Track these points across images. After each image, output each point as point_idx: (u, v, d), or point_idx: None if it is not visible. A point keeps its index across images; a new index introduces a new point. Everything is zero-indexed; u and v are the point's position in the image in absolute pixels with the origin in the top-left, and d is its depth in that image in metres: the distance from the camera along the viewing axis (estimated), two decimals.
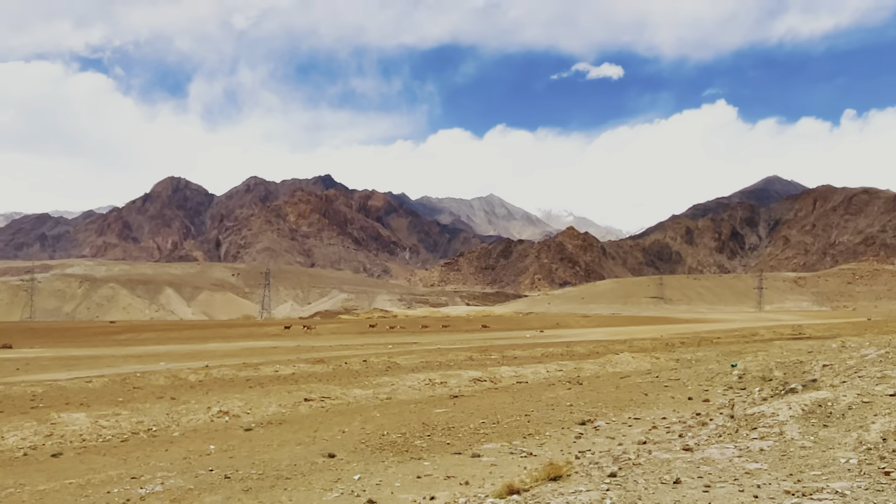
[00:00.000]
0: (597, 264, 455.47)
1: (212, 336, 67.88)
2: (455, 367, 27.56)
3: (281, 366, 28.68)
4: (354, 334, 74.90)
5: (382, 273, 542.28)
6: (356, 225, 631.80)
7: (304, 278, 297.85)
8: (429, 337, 66.73)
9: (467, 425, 13.31)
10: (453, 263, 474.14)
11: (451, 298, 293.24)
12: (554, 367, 24.65)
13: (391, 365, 29.11)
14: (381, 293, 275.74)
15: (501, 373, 23.56)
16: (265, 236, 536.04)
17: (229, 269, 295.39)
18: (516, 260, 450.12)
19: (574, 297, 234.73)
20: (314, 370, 27.35)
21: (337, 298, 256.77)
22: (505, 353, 35.60)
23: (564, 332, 70.23)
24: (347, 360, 31.24)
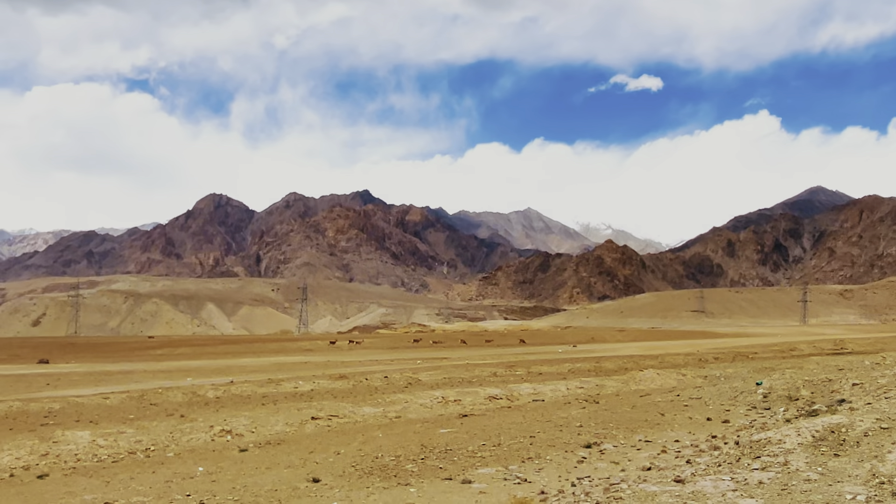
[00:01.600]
0: (636, 277, 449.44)
1: (246, 351, 68.38)
2: (476, 383, 27.04)
3: (303, 382, 28.49)
4: (396, 349, 74.85)
5: (420, 287, 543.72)
6: (394, 240, 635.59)
7: (342, 293, 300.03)
8: (462, 352, 66.19)
9: (466, 447, 12.78)
10: (491, 277, 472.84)
11: (489, 313, 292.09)
12: (575, 385, 23.94)
13: (412, 381, 28.69)
14: (418, 308, 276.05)
15: (521, 390, 22.96)
16: (304, 251, 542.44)
17: (269, 284, 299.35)
18: (554, 274, 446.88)
19: (613, 311, 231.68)
20: (333, 386, 27.08)
21: (375, 313, 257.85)
22: (531, 368, 34.88)
23: (598, 347, 68.99)
24: (369, 375, 30.93)
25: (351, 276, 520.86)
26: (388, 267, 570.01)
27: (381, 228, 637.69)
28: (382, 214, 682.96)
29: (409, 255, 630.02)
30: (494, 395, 21.46)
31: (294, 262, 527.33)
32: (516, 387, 23.57)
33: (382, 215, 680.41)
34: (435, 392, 22.20)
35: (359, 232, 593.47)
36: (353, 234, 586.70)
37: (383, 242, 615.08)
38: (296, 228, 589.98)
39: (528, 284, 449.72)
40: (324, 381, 28.85)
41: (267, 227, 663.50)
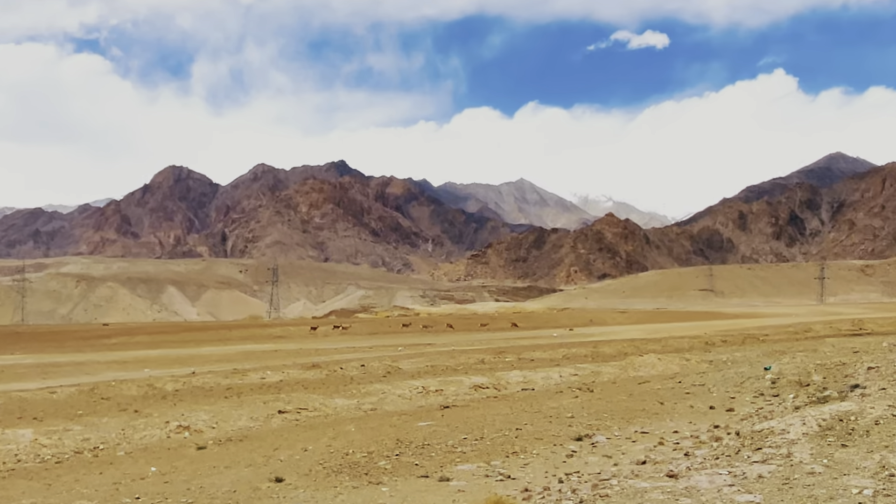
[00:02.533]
0: (639, 254, 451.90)
1: (210, 339, 68.24)
2: (461, 371, 27.14)
3: (271, 372, 28.50)
4: (376, 335, 74.98)
5: (403, 267, 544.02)
6: (374, 215, 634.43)
7: (317, 274, 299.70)
8: (449, 337, 66.43)
9: (446, 442, 12.83)
10: (480, 255, 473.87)
11: (479, 294, 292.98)
12: (569, 372, 24.09)
13: (392, 370, 28.76)
14: (401, 289, 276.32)
15: (509, 378, 23.08)
16: (275, 229, 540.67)
17: (236, 265, 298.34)
18: (550, 251, 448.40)
19: (614, 291, 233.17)
20: (304, 377, 27.10)
21: (353, 296, 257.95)
22: (522, 354, 35.09)
23: (596, 331, 69.42)
24: (345, 364, 30.98)
25: (326, 256, 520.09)
26: (367, 245, 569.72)
27: (360, 203, 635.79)
28: (360, 187, 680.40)
29: (390, 232, 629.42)
30: (480, 384, 21.55)
31: (263, 241, 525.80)
32: (505, 375, 23.67)
33: (360, 188, 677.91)
34: (415, 381, 22.26)
35: (335, 207, 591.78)
36: (328, 210, 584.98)
37: (362, 218, 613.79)
38: (265, 203, 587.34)
39: (521, 263, 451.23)
40: (294, 370, 28.85)
41: (233, 203, 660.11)
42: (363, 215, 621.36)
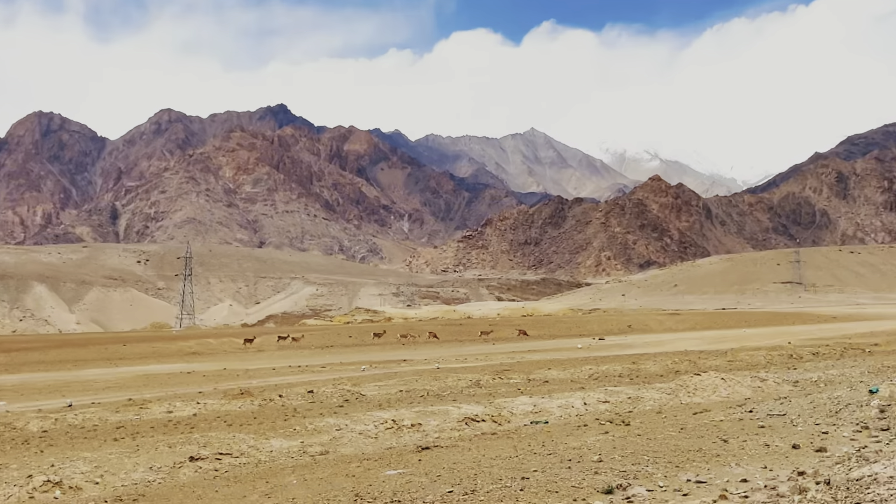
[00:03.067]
0: (697, 233, 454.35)
1: (95, 357, 68.13)
2: (448, 398, 27.23)
3: (182, 402, 28.49)
4: (331, 349, 75.03)
5: (369, 254, 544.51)
6: (327, 181, 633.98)
7: (248, 265, 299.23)
8: (431, 350, 66.56)
9: (423, 498, 12.82)
10: (476, 237, 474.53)
11: (474, 290, 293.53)
12: (597, 398, 24.24)
13: (351, 398, 28.85)
14: (366, 285, 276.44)
15: (514, 407, 23.20)
16: (187, 202, 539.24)
17: (133, 252, 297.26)
18: (573, 230, 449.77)
19: (662, 285, 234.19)
20: (228, 409, 27.11)
21: (299, 294, 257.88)
22: (533, 374, 35.26)
23: (636, 340, 69.77)
24: (286, 390, 31.01)
25: (261, 239, 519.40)
26: (318, 224, 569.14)
27: (307, 165, 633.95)
28: (308, 143, 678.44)
29: (350, 205, 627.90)
30: (473, 416, 21.65)
31: (171, 219, 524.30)
32: (508, 402, 23.78)
33: (308, 144, 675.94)
34: (383, 413, 22.32)
35: (272, 170, 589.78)
36: (262, 174, 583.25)
37: (310, 186, 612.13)
38: (173, 166, 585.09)
39: (532, 247, 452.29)
40: (214, 400, 28.84)
41: (127, 165, 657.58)
42: (312, 182, 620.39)
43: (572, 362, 42.48)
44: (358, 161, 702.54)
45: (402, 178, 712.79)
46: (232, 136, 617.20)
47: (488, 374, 35.35)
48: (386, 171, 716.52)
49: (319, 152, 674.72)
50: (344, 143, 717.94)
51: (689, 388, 25.36)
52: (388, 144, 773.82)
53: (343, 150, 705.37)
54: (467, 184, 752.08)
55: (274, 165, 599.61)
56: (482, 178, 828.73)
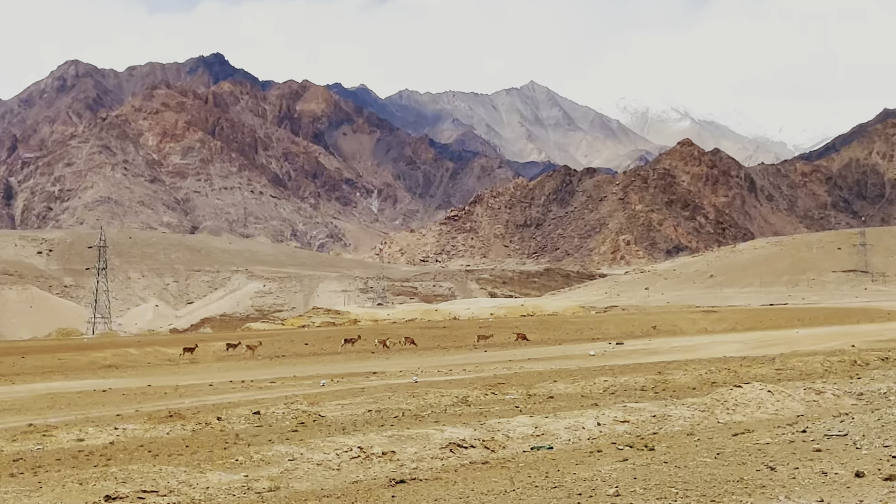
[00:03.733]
0: (738, 210, 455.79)
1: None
2: (428, 419, 27.22)
3: (95, 428, 28.38)
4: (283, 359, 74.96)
5: (329, 240, 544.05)
6: (275, 150, 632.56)
7: (177, 255, 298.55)
8: (408, 359, 66.57)
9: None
10: (463, 218, 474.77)
11: (461, 285, 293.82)
12: (613, 416, 24.28)
13: (307, 419, 28.78)
14: (326, 278, 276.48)
15: (510, 429, 23.22)
16: (100, 176, 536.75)
17: (32, 241, 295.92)
18: (583, 207, 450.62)
19: (695, 276, 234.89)
20: (154, 435, 27.03)
21: (243, 292, 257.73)
22: (535, 388, 35.26)
23: (663, 345, 69.94)
24: (227, 411, 30.96)
25: (194, 223, 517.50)
26: (264, 203, 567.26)
27: (250, 129, 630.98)
28: (251, 102, 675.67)
29: (305, 179, 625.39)
30: (460, 441, 21.67)
31: (81, 198, 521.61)
32: (503, 423, 23.79)
33: (251, 103, 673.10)
34: (348, 438, 22.29)
35: (206, 136, 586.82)
36: (194, 142, 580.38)
37: (254, 156, 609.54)
38: (82, 131, 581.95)
39: (533, 230, 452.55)
40: (137, 424, 28.78)
41: (24, 131, 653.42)
42: (257, 151, 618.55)
43: (583, 373, 42.51)
44: (314, 124, 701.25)
45: (370, 144, 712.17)
46: (155, 95, 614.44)
47: (479, 389, 35.27)
48: (349, 136, 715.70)
49: (265, 114, 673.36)
50: (296, 102, 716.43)
51: (727, 403, 25.42)
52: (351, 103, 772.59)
53: (295, 111, 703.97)
54: (451, 151, 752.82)
55: (208, 131, 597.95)
56: (470, 144, 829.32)
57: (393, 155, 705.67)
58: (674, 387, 34.18)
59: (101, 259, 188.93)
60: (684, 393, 31.03)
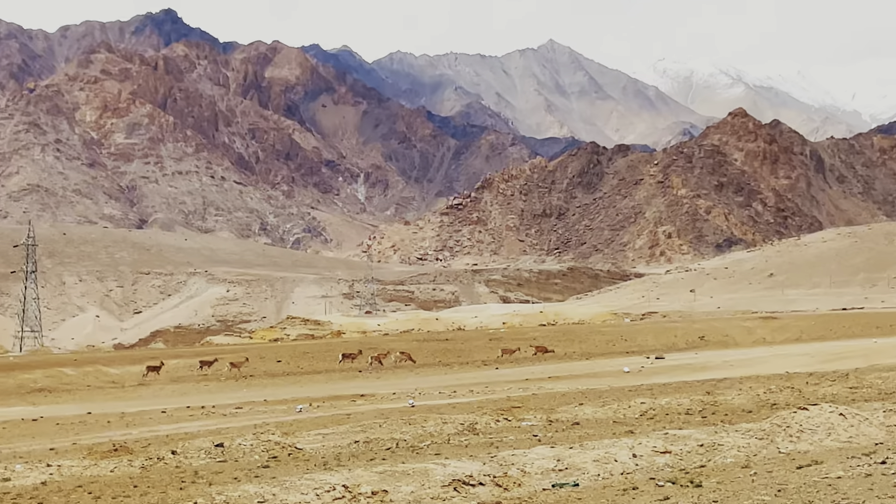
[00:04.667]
0: (803, 195, 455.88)
1: None
2: (427, 452, 27.24)
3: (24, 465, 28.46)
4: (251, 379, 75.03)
5: (306, 235, 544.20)
6: (239, 126, 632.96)
7: (122, 255, 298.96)
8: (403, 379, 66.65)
9: None
10: (469, 207, 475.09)
11: (467, 287, 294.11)
12: (652, 446, 24.26)
13: (281, 452, 28.81)
14: (303, 282, 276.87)
15: (527, 463, 23.21)
16: (27, 160, 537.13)
17: None
18: (614, 193, 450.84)
19: (751, 275, 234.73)
20: (96, 473, 27.07)
21: (202, 298, 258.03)
22: (556, 412, 35.31)
23: (712, 359, 70.00)
24: (184, 443, 31.00)
25: (142, 216, 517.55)
26: (227, 191, 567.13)
27: (209, 101, 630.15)
28: (210, 67, 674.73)
29: (276, 161, 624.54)
30: (466, 478, 21.65)
31: (4, 186, 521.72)
32: (518, 456, 23.77)
33: (210, 70, 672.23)
34: (330, 476, 22.28)
35: (155, 110, 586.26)
36: (141, 117, 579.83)
37: (214, 133, 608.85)
38: (5, 106, 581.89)
39: (553, 220, 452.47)
40: (75, 460, 28.82)
41: None
42: (217, 127, 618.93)
43: (615, 394, 42.55)
44: (286, 95, 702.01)
45: (355, 118, 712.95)
46: (94, 60, 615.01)
47: (489, 414, 35.28)
48: (330, 108, 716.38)
49: (228, 82, 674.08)
50: (265, 68, 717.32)
51: (790, 429, 25.39)
52: (331, 68, 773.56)
53: (263, 79, 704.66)
54: (454, 126, 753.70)
55: (158, 103, 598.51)
56: (476, 117, 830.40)
57: (383, 131, 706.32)
58: (725, 410, 34.15)
59: (30, 260, 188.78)
60: (738, 417, 30.99)
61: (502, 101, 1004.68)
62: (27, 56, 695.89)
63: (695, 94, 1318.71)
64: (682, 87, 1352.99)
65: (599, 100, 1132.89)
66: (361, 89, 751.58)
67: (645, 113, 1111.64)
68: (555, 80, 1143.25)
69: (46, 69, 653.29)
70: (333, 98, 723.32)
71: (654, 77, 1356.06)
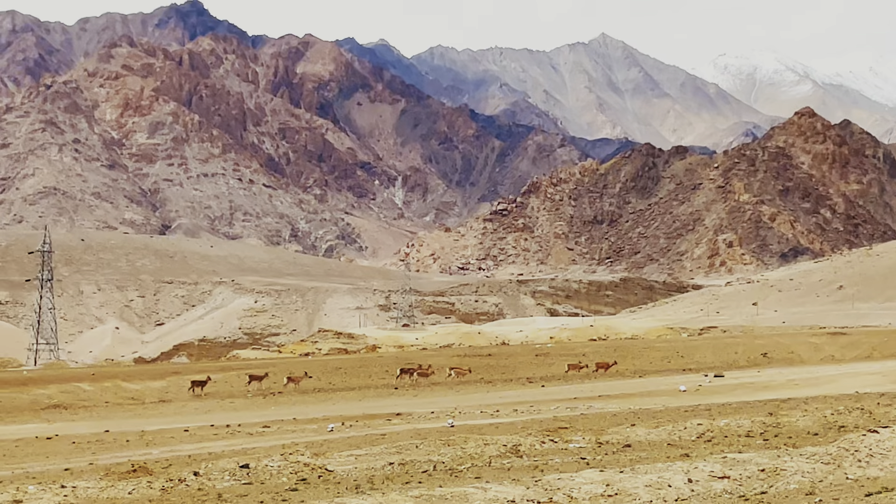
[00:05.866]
0: (875, 201, 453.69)
1: None
2: (467, 475, 27.21)
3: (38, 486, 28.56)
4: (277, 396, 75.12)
5: (339, 242, 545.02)
6: (269, 125, 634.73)
7: (143, 262, 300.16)
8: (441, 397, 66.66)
9: None
10: (515, 213, 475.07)
11: (512, 299, 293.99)
12: (709, 471, 24.16)
13: (310, 475, 28.84)
14: (336, 292, 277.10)
15: (574, 488, 23.16)
16: (43, 160, 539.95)
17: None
18: (671, 198, 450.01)
19: (819, 287, 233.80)
20: (113, 495, 27.16)
21: (229, 309, 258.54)
22: (606, 434, 35.23)
23: (776, 377, 69.77)
24: (207, 464, 31.09)
25: (165, 221, 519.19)
26: (256, 194, 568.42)
27: (237, 99, 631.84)
28: (239, 63, 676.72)
29: (308, 163, 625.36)
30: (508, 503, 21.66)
31: (19, 189, 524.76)
32: (565, 481, 23.73)
33: (239, 65, 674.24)
34: (362, 500, 22.33)
35: (180, 109, 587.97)
36: (165, 115, 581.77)
37: (243, 133, 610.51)
38: (20, 103, 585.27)
39: (605, 227, 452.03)
40: (91, 482, 28.92)
41: None
42: (246, 127, 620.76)
43: (670, 414, 42.44)
44: (319, 92, 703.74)
45: (393, 117, 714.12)
46: (115, 54, 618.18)
47: (533, 435, 35.23)
48: (366, 106, 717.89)
49: (257, 78, 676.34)
50: (296, 63, 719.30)
51: (859, 453, 25.23)
52: (367, 64, 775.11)
53: (295, 75, 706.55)
54: (498, 126, 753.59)
55: (184, 101, 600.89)
56: (523, 116, 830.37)
57: (422, 131, 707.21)
58: (789, 432, 34.00)
59: (46, 268, 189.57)
60: (803, 440, 30.85)
61: (550, 99, 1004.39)
62: (44, 50, 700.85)
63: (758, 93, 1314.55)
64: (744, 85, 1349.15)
65: (655, 98, 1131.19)
66: (399, 86, 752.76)
67: (704, 112, 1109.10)
68: (607, 77, 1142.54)
69: (64, 64, 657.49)
70: (370, 95, 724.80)
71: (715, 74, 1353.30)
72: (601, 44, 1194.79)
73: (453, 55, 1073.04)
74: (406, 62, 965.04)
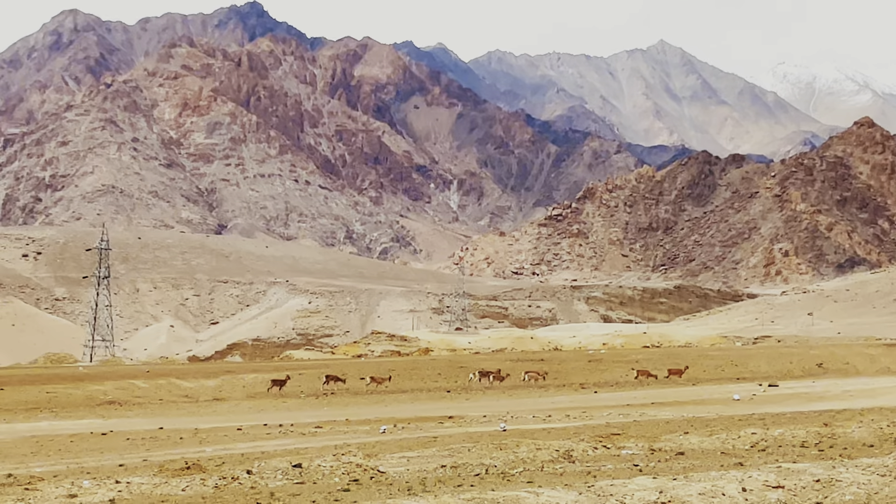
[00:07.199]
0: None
1: None
2: (519, 479, 27.13)
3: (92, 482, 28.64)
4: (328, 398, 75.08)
5: (394, 244, 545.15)
6: (326, 127, 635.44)
7: (199, 262, 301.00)
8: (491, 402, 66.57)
9: None
10: (569, 218, 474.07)
11: (566, 305, 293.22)
12: (763, 480, 24.02)
13: (362, 475, 28.82)
14: (389, 294, 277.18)
15: (626, 494, 23.07)
16: (102, 159, 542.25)
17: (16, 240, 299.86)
18: (727, 207, 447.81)
19: (876, 297, 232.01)
20: (166, 492, 27.22)
21: (282, 309, 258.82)
22: (658, 441, 35.06)
23: (831, 388, 69.27)
24: (260, 463, 31.12)
25: (221, 221, 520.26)
26: (311, 196, 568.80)
27: (295, 101, 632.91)
28: (297, 65, 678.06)
29: (364, 166, 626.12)
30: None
31: (78, 187, 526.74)
32: (617, 487, 23.63)
33: (297, 67, 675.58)
34: (413, 502, 22.26)
35: (238, 109, 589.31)
36: (223, 115, 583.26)
37: (300, 134, 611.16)
38: (81, 101, 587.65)
39: (661, 235, 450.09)
40: (145, 478, 29.00)
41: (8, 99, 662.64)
42: (303, 128, 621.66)
43: (724, 423, 42.19)
44: (377, 94, 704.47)
45: (449, 121, 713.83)
46: (174, 54, 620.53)
47: (586, 441, 35.09)
48: (422, 110, 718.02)
49: (315, 80, 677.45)
50: (354, 66, 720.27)
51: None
52: (425, 67, 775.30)
53: (353, 77, 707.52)
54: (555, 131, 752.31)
55: (242, 102, 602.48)
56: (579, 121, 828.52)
57: (478, 135, 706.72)
58: (844, 443, 33.75)
59: (103, 265, 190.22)
60: (858, 451, 30.62)
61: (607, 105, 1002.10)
62: (105, 49, 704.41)
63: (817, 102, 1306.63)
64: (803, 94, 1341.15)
65: (713, 105, 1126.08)
66: (456, 90, 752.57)
67: (762, 120, 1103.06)
68: (664, 84, 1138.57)
69: (125, 63, 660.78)
70: (426, 99, 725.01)
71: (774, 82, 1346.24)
72: (659, 50, 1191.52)
73: (511, 60, 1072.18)
74: (463, 66, 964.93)
